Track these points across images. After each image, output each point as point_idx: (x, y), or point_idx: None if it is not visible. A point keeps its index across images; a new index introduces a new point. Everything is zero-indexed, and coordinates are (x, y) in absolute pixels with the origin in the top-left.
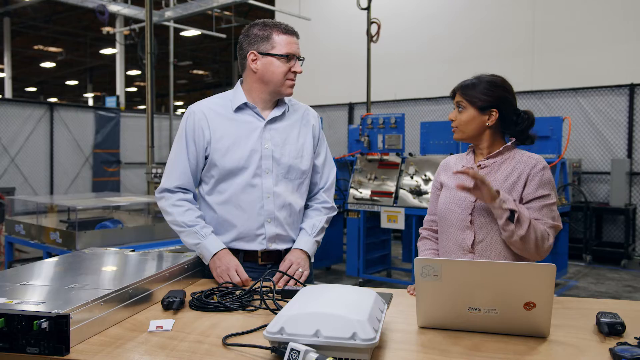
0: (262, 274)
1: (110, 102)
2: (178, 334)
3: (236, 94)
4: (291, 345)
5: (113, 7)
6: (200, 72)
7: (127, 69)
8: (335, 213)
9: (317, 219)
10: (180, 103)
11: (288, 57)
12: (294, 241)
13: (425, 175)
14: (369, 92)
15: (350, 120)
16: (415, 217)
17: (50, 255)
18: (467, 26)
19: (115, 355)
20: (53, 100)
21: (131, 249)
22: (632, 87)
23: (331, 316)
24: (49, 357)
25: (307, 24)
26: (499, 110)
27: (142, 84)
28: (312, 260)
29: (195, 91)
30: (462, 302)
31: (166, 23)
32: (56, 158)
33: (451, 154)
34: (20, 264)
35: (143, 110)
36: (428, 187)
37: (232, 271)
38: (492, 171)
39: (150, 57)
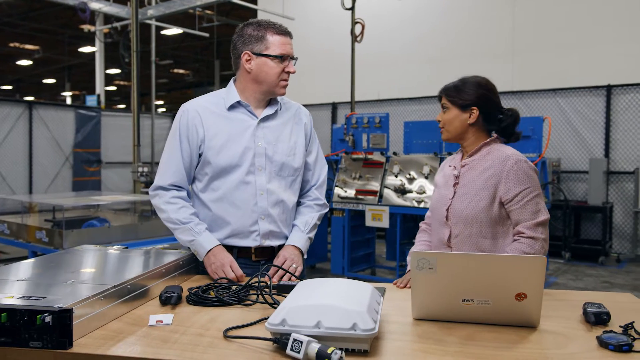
0: (256, 270)
1: (90, 100)
2: (179, 328)
3: (229, 93)
4: (294, 336)
5: (94, 5)
6: (181, 71)
7: (106, 68)
8: (327, 210)
9: (310, 216)
10: (160, 102)
11: (282, 58)
12: (287, 237)
13: (410, 175)
14: (353, 92)
15: (334, 120)
16: (399, 216)
17: (36, 255)
18: (448, 27)
19: (117, 349)
20: (30, 98)
21: (125, 246)
22: (609, 89)
23: (332, 308)
24: (52, 351)
25: (291, 24)
26: (479, 108)
27: (121, 82)
28: (305, 257)
29: (175, 90)
30: (456, 294)
31: (148, 21)
32: (35, 157)
33: (435, 153)
34: (4, 263)
35: (124, 109)
36: (412, 186)
37: (227, 267)
38: (470, 169)
39: (137, 55)
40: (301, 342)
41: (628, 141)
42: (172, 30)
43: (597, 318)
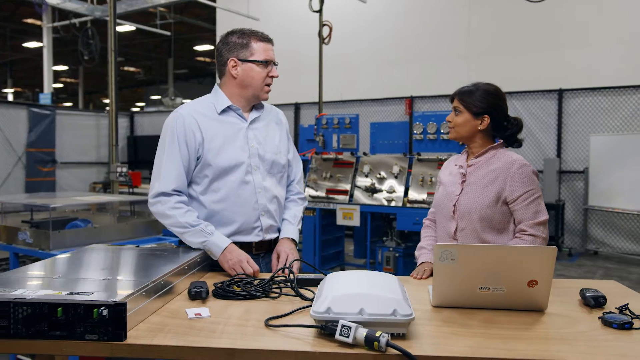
0: (257, 263)
1: (44, 98)
2: (219, 320)
3: (218, 98)
4: (342, 322)
5: (52, 0)
6: (132, 69)
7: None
8: (307, 203)
9: (296, 209)
10: (108, 101)
11: (266, 63)
12: (279, 230)
13: (380, 174)
14: (321, 93)
15: (297, 120)
16: (369, 214)
17: (18, 257)
18: (409, 31)
19: (170, 339)
20: None
21: (136, 245)
22: (560, 92)
23: (373, 296)
24: (109, 343)
25: (255, 24)
26: (490, 116)
27: (69, 80)
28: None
29: (126, 88)
30: (474, 282)
31: (106, 18)
32: None
33: (404, 154)
34: None
35: (71, 107)
36: (383, 186)
37: (244, 263)
38: (477, 169)
39: (114, 54)
40: (350, 328)
41: (578, 142)
42: (125, 27)
43: (595, 301)
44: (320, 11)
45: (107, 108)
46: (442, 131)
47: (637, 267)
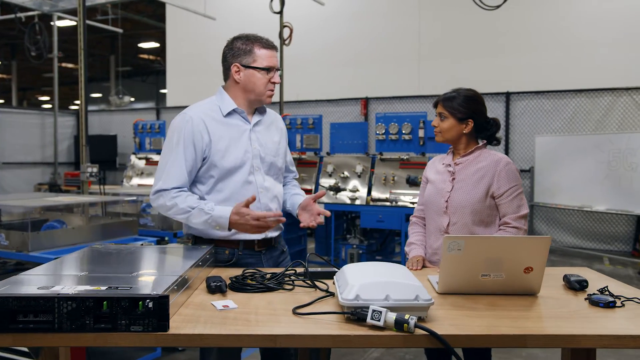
0: (259, 259)
1: None
2: (248, 310)
3: (224, 101)
4: (372, 307)
5: None
6: (70, 65)
7: None
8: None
9: (298, 190)
10: (46, 98)
11: (268, 70)
12: (281, 228)
13: (344, 174)
14: (282, 94)
15: None
16: (333, 213)
17: None
18: (362, 33)
19: (211, 328)
20: None
21: (141, 243)
22: (507, 95)
23: (397, 283)
24: (153, 334)
25: (212, 24)
26: (474, 120)
27: (1, 76)
28: None
29: (63, 85)
30: (476, 270)
31: (56, 13)
32: None
33: (367, 153)
34: None
35: (6, 105)
36: (347, 185)
37: (260, 222)
38: (464, 167)
39: (84, 52)
40: (380, 312)
41: (524, 142)
42: (65, 22)
43: (580, 285)
44: (280, 12)
45: (47, 105)
46: (403, 132)
47: (578, 259)
